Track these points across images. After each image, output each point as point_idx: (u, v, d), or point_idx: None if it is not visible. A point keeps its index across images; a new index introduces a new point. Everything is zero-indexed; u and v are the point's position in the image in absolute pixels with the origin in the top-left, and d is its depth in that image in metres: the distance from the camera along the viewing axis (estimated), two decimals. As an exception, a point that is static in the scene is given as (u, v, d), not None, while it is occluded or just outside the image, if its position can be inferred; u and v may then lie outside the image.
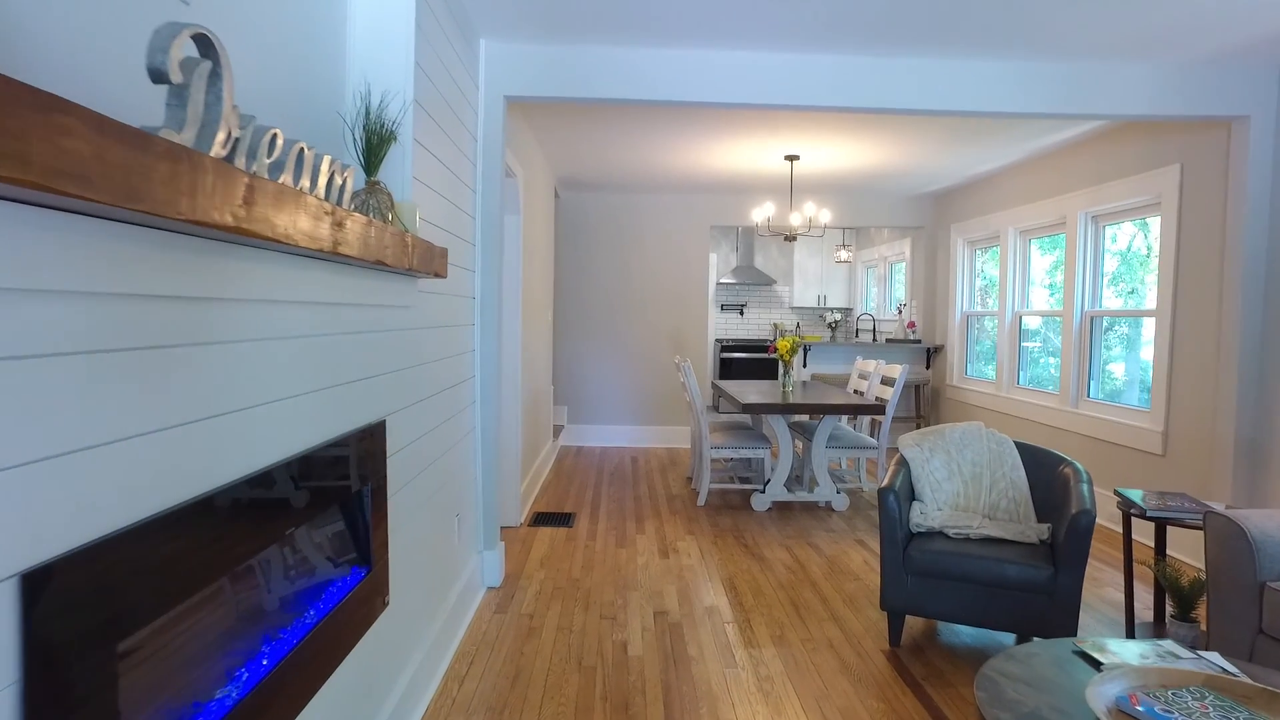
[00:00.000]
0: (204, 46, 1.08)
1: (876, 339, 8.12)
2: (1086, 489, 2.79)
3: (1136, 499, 2.99)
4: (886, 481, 3.05)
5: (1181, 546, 4.09)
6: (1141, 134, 4.50)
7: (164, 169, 0.91)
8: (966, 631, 3.14)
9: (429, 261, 2.14)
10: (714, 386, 6.08)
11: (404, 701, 2.25)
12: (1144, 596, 3.55)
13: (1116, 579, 3.80)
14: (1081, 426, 5.01)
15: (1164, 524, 2.94)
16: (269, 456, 1.41)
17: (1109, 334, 4.99)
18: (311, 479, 1.59)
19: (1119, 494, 3.06)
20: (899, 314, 8.03)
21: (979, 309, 6.82)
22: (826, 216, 5.97)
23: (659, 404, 7.48)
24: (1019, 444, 3.24)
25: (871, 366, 5.78)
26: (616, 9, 3.06)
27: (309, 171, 1.43)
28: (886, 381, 5.65)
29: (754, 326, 10.24)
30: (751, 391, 5.44)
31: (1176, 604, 2.85)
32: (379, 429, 2.02)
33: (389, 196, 1.97)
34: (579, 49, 3.50)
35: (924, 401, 7.40)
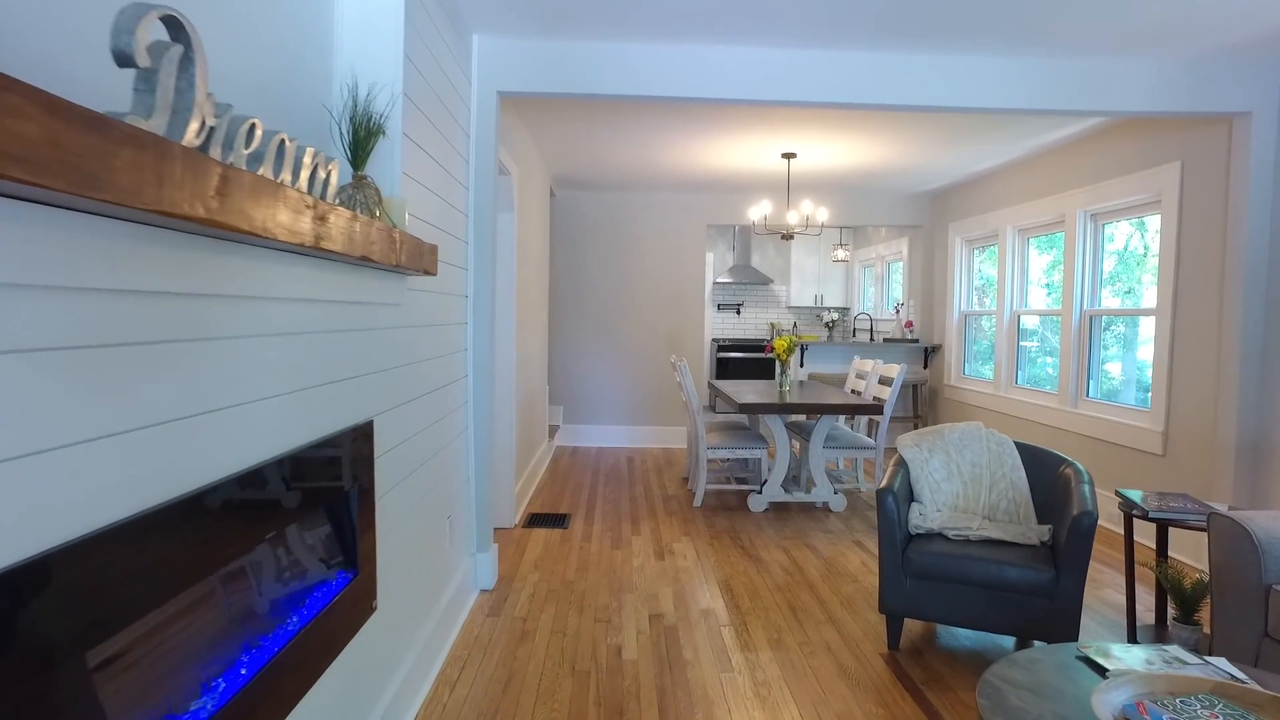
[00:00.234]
0: (174, 29, 1.04)
1: (874, 338, 8.08)
2: (1088, 490, 2.75)
3: (1137, 499, 2.95)
4: (885, 482, 3.00)
5: (1182, 548, 4.05)
6: (1141, 131, 4.46)
7: (127, 156, 0.86)
8: (966, 635, 3.10)
9: (418, 258, 2.09)
10: (710, 386, 6.03)
11: (392, 708, 2.20)
12: (1145, 598, 3.51)
13: (1116, 580, 3.76)
14: (1080, 426, 4.97)
15: (1166, 525, 2.90)
16: (244, 460, 1.36)
17: (1105, 333, 4.96)
18: (294, 481, 1.54)
19: (1120, 494, 3.02)
20: (896, 313, 7.99)
21: (976, 308, 6.79)
22: (824, 215, 5.93)
23: (655, 404, 7.43)
24: (1019, 444, 3.20)
25: (869, 366, 5.74)
26: (611, 3, 3.01)
27: (290, 164, 1.39)
28: (884, 381, 5.61)
29: (751, 326, 10.19)
30: (748, 391, 5.40)
31: (1178, 606, 2.81)
32: (366, 429, 1.97)
33: (377, 191, 1.91)
34: (574, 44, 3.45)
35: (922, 401, 7.36)
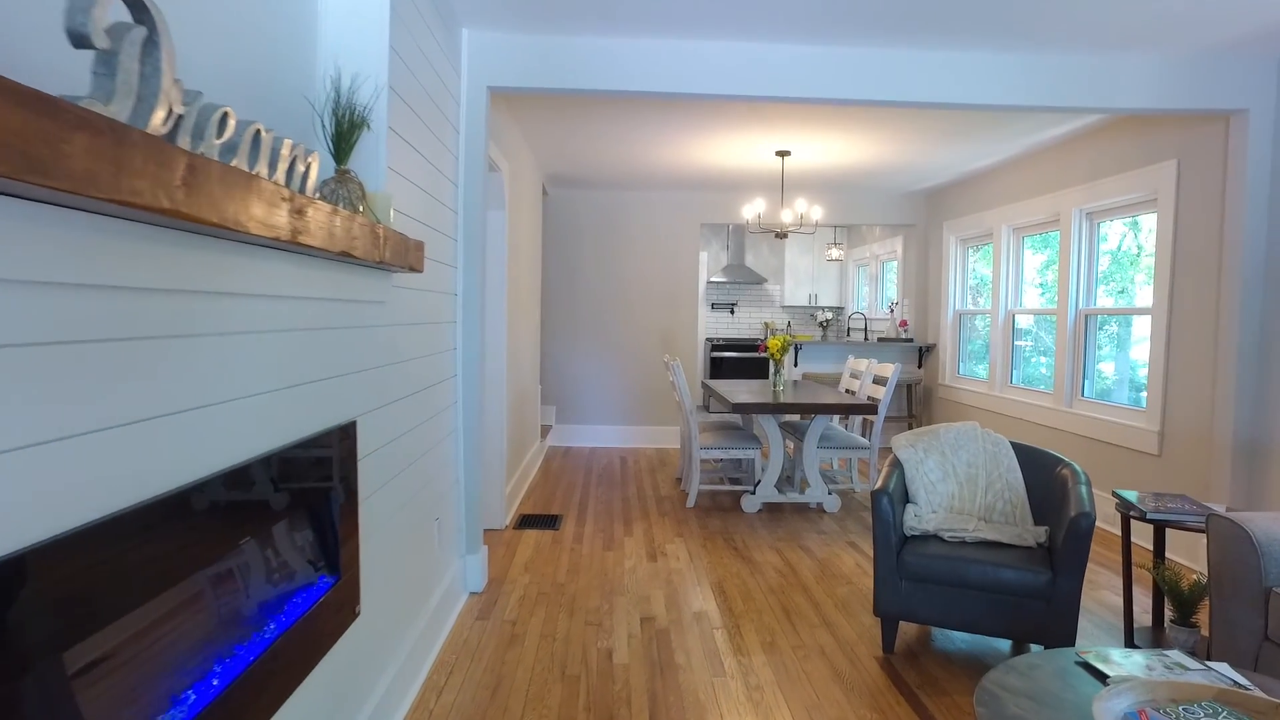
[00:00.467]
0: (138, 10, 0.99)
1: (868, 338, 8.05)
2: (1085, 491, 2.72)
3: (1133, 500, 2.92)
4: (880, 483, 2.96)
5: (1179, 549, 4.03)
6: (1137, 129, 4.44)
7: (81, 141, 0.81)
8: (962, 638, 3.06)
9: (403, 255, 2.04)
10: (704, 386, 5.99)
11: (377, 715, 2.15)
12: (1142, 600, 3.49)
13: (1113, 582, 3.73)
14: (1075, 426, 4.95)
15: (1163, 527, 2.87)
16: (218, 462, 1.30)
17: (1099, 333, 4.93)
18: (270, 485, 1.49)
19: (1117, 495, 2.99)
20: (891, 313, 7.96)
21: (971, 307, 6.76)
22: (818, 213, 5.89)
23: (648, 404, 7.38)
24: (1015, 444, 3.16)
25: (863, 366, 5.71)
26: (602, -4, 2.96)
27: (266, 156, 1.33)
28: (879, 381, 5.58)
29: (745, 325, 10.15)
30: (742, 391, 5.35)
31: (1176, 608, 2.78)
32: (349, 430, 1.92)
33: (360, 186, 1.86)
34: (565, 39, 3.40)
35: (916, 401, 7.33)
